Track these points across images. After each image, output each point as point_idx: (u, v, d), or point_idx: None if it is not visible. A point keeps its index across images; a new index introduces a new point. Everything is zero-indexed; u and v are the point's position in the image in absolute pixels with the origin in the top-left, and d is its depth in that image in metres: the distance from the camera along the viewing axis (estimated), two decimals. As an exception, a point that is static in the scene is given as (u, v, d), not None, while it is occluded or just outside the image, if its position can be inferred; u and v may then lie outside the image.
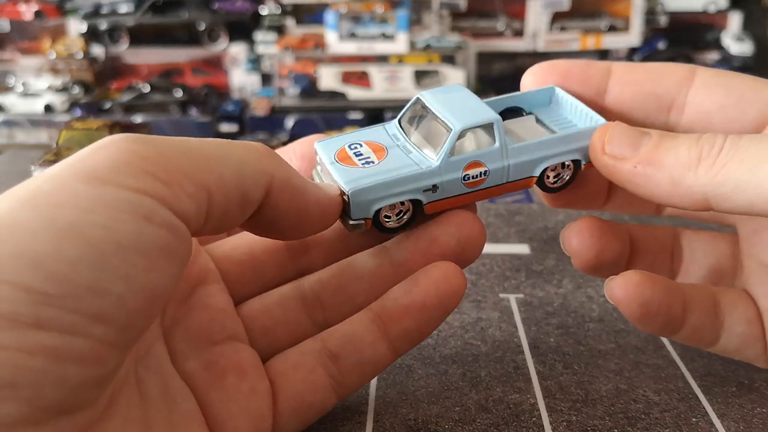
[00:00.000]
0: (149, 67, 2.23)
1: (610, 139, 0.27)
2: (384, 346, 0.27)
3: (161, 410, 0.23)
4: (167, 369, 0.25)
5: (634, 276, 0.27)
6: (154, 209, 0.20)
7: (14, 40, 2.20)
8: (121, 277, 0.19)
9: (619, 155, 0.26)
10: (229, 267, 0.28)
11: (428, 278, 0.27)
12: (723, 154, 0.24)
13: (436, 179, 0.27)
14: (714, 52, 2.24)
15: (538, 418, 0.29)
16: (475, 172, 0.27)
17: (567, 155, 0.28)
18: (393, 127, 0.29)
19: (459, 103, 0.28)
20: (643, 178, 0.26)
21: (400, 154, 0.28)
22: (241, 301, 0.28)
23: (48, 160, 0.59)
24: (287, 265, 0.29)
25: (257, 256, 0.29)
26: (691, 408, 0.30)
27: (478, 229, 0.28)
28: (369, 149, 0.28)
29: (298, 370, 0.27)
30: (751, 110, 0.27)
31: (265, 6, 2.15)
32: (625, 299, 0.27)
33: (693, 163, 0.25)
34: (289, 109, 2.09)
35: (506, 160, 0.28)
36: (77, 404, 0.19)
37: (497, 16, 2.20)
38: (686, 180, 0.25)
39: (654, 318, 0.28)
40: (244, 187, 0.23)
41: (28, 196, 0.19)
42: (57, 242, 0.18)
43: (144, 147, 0.21)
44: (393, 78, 2.07)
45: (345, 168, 0.27)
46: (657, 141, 0.26)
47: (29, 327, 0.17)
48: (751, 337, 0.29)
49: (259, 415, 0.25)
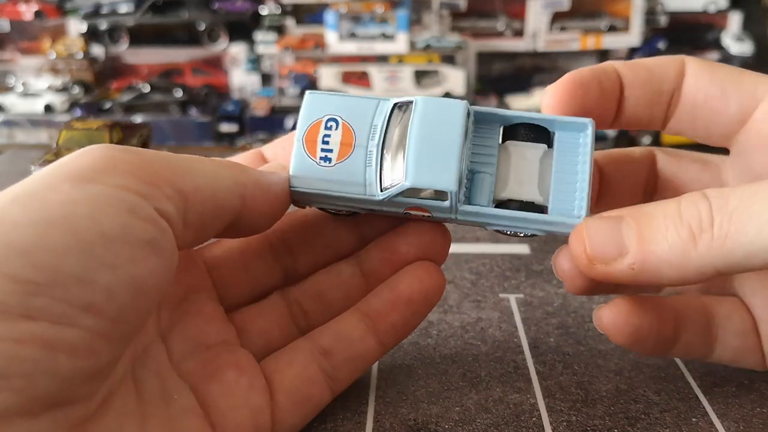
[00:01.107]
0: (149, 67, 2.23)
1: (591, 247, 0.25)
2: (372, 341, 0.28)
3: (158, 406, 0.23)
4: (165, 368, 0.25)
5: (623, 305, 0.27)
6: (138, 204, 0.21)
7: (14, 40, 2.20)
8: (107, 267, 0.19)
9: (607, 260, 0.25)
10: (221, 270, 0.29)
11: (411, 275, 0.28)
12: (717, 225, 0.23)
13: (376, 207, 0.27)
14: (714, 52, 2.24)
15: (538, 418, 0.29)
16: (417, 213, 0.27)
17: (524, 230, 0.27)
18: (384, 111, 0.28)
19: (436, 142, 0.26)
20: (645, 274, 0.24)
21: (360, 161, 0.27)
22: (232, 303, 0.29)
23: (48, 160, 0.59)
24: (274, 267, 0.30)
25: (248, 259, 0.30)
26: (691, 408, 0.30)
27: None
28: (338, 138, 0.27)
29: (292, 366, 0.27)
30: (732, 102, 0.27)
31: (265, 6, 2.14)
32: (613, 329, 0.27)
33: (689, 244, 0.23)
34: (289, 109, 2.09)
35: (454, 214, 0.27)
36: (71, 397, 0.19)
37: (497, 16, 2.20)
38: (691, 263, 0.23)
39: (644, 343, 0.28)
40: (219, 197, 0.24)
41: (16, 195, 0.20)
42: (44, 233, 0.19)
43: (126, 153, 0.22)
44: (393, 78, 2.07)
45: (303, 156, 0.27)
46: (638, 230, 0.24)
47: (18, 317, 0.18)
48: (746, 350, 0.29)
49: (259, 409, 0.26)
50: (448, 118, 0.26)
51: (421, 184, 0.26)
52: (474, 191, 0.27)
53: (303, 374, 0.27)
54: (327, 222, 0.30)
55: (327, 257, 0.30)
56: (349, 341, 0.28)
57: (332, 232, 0.30)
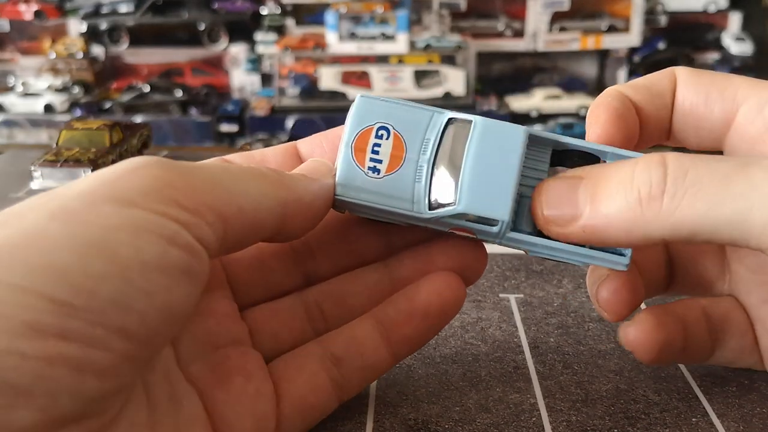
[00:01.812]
0: (149, 67, 2.24)
1: (547, 204, 0.25)
2: (385, 351, 0.28)
3: (167, 413, 0.23)
4: (173, 372, 0.25)
5: (648, 321, 0.27)
6: (178, 232, 0.21)
7: (14, 40, 2.20)
8: (143, 294, 0.19)
9: (562, 220, 0.25)
10: (238, 270, 0.29)
11: (430, 286, 0.27)
12: (669, 196, 0.23)
13: (421, 224, 0.27)
14: (714, 52, 2.24)
15: (538, 418, 0.29)
16: (461, 233, 0.27)
17: (565, 260, 0.27)
18: (438, 125, 0.27)
19: (493, 167, 0.25)
20: (597, 235, 0.24)
21: (410, 176, 0.26)
22: (247, 305, 0.28)
23: (48, 160, 0.59)
24: (293, 270, 0.29)
25: (265, 260, 0.29)
26: (691, 408, 0.30)
27: None
28: (389, 149, 0.26)
29: (301, 373, 0.27)
30: (715, 108, 0.27)
31: (265, 6, 2.15)
32: (641, 346, 0.27)
33: (635, 210, 0.23)
34: (289, 109, 2.10)
35: (499, 240, 0.26)
36: (90, 414, 0.19)
37: (497, 16, 2.20)
38: (637, 229, 0.23)
39: (666, 357, 0.28)
40: (259, 218, 0.24)
41: (56, 211, 0.20)
42: (83, 257, 0.19)
43: (170, 173, 0.22)
44: (393, 78, 2.07)
45: (351, 164, 0.26)
46: (592, 192, 0.24)
47: (52, 337, 0.18)
48: (745, 349, 0.29)
49: (264, 416, 0.26)
50: (507, 144, 0.26)
51: (475, 210, 0.25)
52: (519, 216, 0.26)
53: (311, 382, 0.27)
54: (353, 227, 0.29)
55: (351, 263, 0.29)
56: (361, 351, 0.27)
57: (358, 238, 0.29)
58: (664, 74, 0.28)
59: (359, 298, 0.29)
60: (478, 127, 0.26)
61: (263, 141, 2.01)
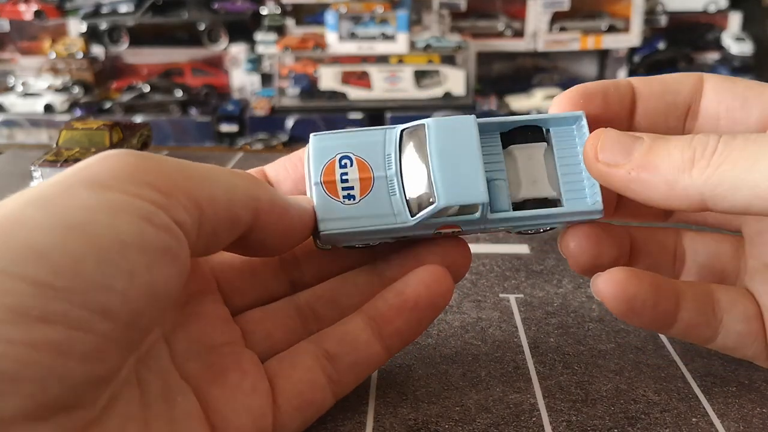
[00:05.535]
0: (149, 67, 2.24)
1: (603, 147, 0.27)
2: (378, 346, 0.28)
3: (161, 409, 0.23)
4: (168, 369, 0.25)
5: (619, 273, 0.28)
6: (155, 213, 0.21)
7: (14, 40, 2.20)
8: (124, 274, 0.20)
9: (612, 162, 0.26)
10: (228, 276, 0.29)
11: (418, 279, 0.28)
12: (717, 154, 0.24)
13: (409, 233, 0.28)
14: (714, 52, 2.24)
15: (538, 418, 0.29)
16: (448, 230, 0.28)
17: (546, 225, 0.29)
18: (393, 139, 0.28)
19: (457, 159, 0.27)
20: (638, 183, 0.26)
21: (384, 192, 0.27)
22: (239, 310, 0.29)
23: (48, 160, 0.59)
24: (281, 276, 0.30)
25: (255, 266, 0.30)
26: (691, 408, 0.30)
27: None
28: (356, 174, 0.27)
29: (296, 369, 0.27)
30: (754, 112, 0.28)
31: (265, 6, 2.15)
32: (609, 295, 0.27)
33: (687, 165, 0.25)
34: (289, 109, 2.10)
35: (483, 225, 0.28)
36: (78, 402, 0.19)
37: (497, 16, 2.20)
38: (681, 182, 0.25)
39: (640, 314, 0.28)
40: (233, 208, 0.24)
41: (34, 198, 0.20)
42: (63, 238, 0.19)
43: (143, 161, 0.22)
44: (393, 78, 2.07)
45: (325, 199, 0.27)
46: (649, 145, 0.26)
47: (36, 320, 0.18)
48: (751, 335, 0.29)
49: (261, 412, 0.26)
50: (462, 135, 0.27)
51: (454, 201, 0.26)
52: (493, 199, 0.28)
53: (306, 378, 0.27)
54: None
55: (335, 271, 0.30)
56: (354, 346, 0.28)
57: (340, 249, 0.30)
58: (688, 75, 0.29)
59: (351, 299, 0.29)
60: (432, 127, 0.27)
61: (263, 141, 2.01)
